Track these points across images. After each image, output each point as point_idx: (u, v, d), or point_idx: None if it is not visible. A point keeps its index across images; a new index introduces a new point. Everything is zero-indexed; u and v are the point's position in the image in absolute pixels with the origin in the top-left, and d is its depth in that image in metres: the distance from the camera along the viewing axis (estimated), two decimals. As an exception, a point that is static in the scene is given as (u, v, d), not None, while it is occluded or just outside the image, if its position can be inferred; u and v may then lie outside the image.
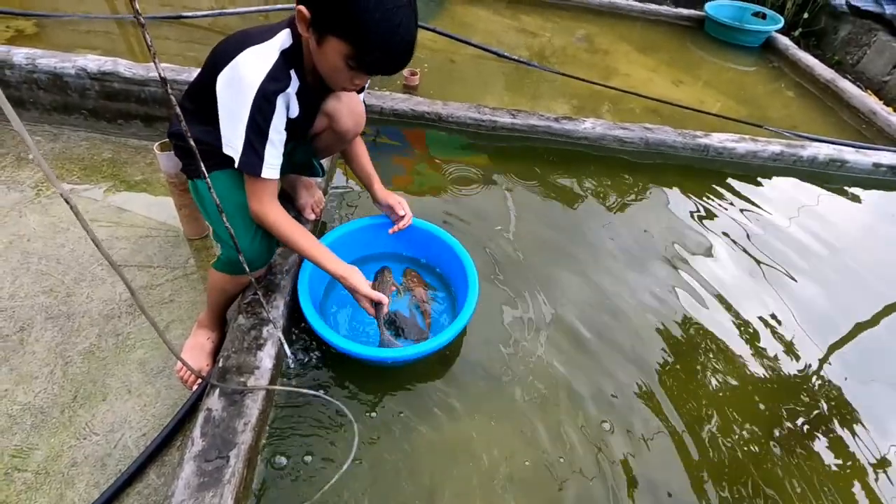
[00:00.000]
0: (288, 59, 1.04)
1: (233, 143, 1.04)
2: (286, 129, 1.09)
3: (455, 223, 1.79)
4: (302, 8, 0.96)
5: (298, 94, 1.10)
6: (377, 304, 1.25)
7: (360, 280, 1.22)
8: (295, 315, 1.33)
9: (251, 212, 1.13)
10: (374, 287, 1.26)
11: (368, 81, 1.13)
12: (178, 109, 0.73)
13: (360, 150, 1.46)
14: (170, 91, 0.67)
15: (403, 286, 1.51)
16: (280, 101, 1.05)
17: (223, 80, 1.03)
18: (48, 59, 1.82)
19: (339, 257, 1.22)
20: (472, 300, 1.29)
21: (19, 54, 1.82)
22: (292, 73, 1.06)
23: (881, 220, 2.27)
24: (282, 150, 1.09)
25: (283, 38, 1.04)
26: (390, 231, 1.49)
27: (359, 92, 1.34)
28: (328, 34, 0.97)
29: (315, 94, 1.16)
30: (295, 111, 1.14)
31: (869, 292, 1.86)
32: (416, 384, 1.31)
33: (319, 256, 1.19)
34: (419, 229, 1.50)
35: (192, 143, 0.76)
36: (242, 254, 1.07)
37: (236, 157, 1.04)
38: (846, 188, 2.37)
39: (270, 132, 1.05)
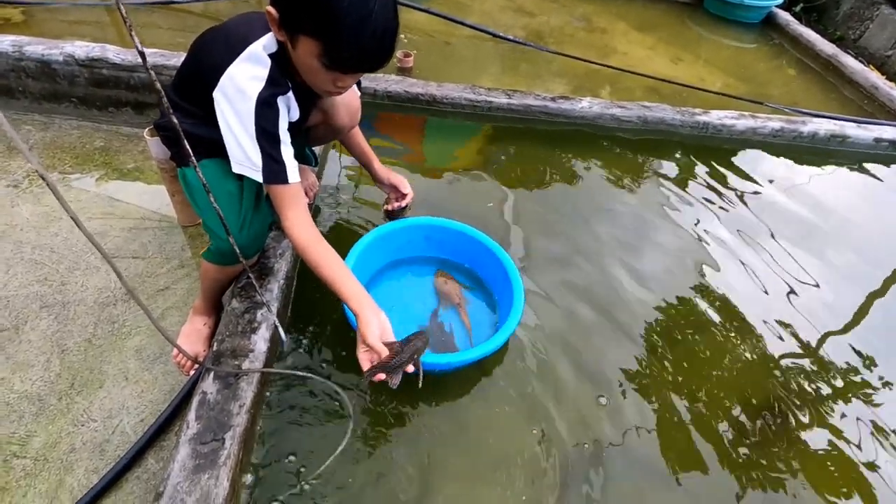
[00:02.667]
0: (279, 62, 1.00)
1: (248, 159, 1.00)
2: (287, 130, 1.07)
3: (450, 205, 1.78)
4: (270, 9, 0.91)
5: (296, 95, 1.08)
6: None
7: (372, 328, 1.00)
8: (290, 299, 1.32)
9: (286, 234, 1.07)
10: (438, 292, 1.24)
11: (354, 82, 1.08)
12: (164, 100, 0.71)
13: (355, 130, 1.44)
14: (153, 76, 0.65)
15: (437, 289, 1.46)
16: (281, 103, 1.02)
17: (222, 97, 0.99)
18: (35, 47, 1.79)
19: (370, 297, 1.06)
20: (519, 306, 1.24)
21: (6, 42, 1.79)
22: (286, 77, 1.03)
23: (883, 194, 2.24)
24: (292, 150, 1.06)
25: (267, 41, 1.00)
26: (388, 208, 1.47)
27: (358, 85, 1.32)
28: (298, 34, 0.92)
29: (309, 93, 1.12)
30: (295, 114, 1.13)
31: (872, 267, 1.85)
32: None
33: (349, 290, 1.05)
34: (452, 230, 1.46)
35: (180, 130, 0.74)
36: (230, 243, 1.06)
37: (257, 172, 1.00)
38: (848, 164, 2.34)
39: (281, 135, 1.03)
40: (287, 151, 1.04)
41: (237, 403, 1.01)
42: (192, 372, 1.24)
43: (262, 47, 0.99)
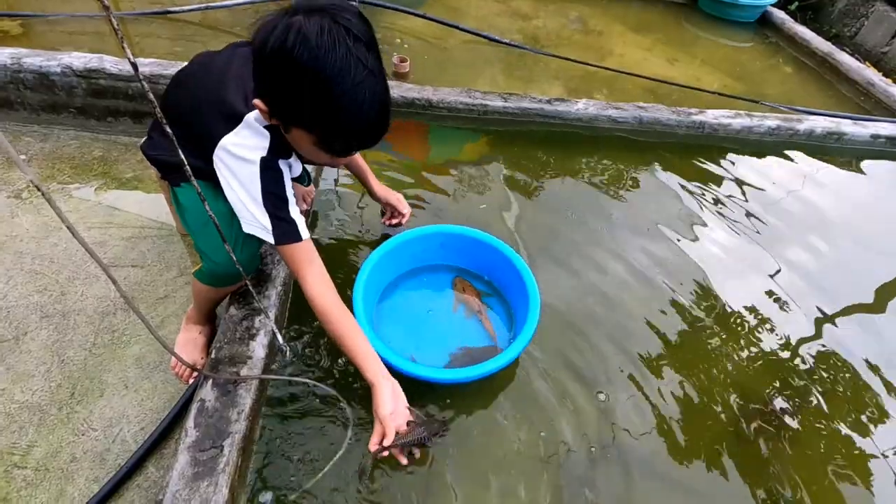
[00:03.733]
0: (277, 133, 1.00)
1: (255, 220, 1.01)
2: None
3: (446, 207, 1.78)
4: (258, 102, 0.90)
5: (296, 153, 1.08)
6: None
7: (385, 402, 0.99)
8: (288, 306, 1.32)
9: (305, 294, 1.06)
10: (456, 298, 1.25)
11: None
12: (158, 110, 0.71)
13: None
14: (146, 86, 0.66)
15: (456, 298, 1.46)
16: (283, 165, 1.03)
17: (223, 165, 0.99)
18: (33, 58, 1.81)
19: (382, 364, 1.05)
20: (535, 314, 1.23)
21: (4, 54, 1.81)
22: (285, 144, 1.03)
23: (881, 191, 2.24)
24: (297, 207, 1.07)
25: (258, 114, 0.97)
26: (384, 222, 1.47)
27: None
28: (290, 125, 0.93)
29: None
30: (298, 170, 1.14)
31: (871, 264, 1.84)
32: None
33: (365, 358, 1.04)
34: (469, 238, 1.44)
35: (177, 145, 0.74)
36: (221, 266, 1.07)
37: (268, 234, 1.01)
38: (845, 161, 2.34)
39: (287, 195, 1.04)
40: (294, 209, 1.05)
41: (236, 410, 1.02)
42: (191, 381, 1.25)
43: (255, 119, 0.99)
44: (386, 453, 0.98)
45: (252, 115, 0.99)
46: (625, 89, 2.72)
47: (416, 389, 1.24)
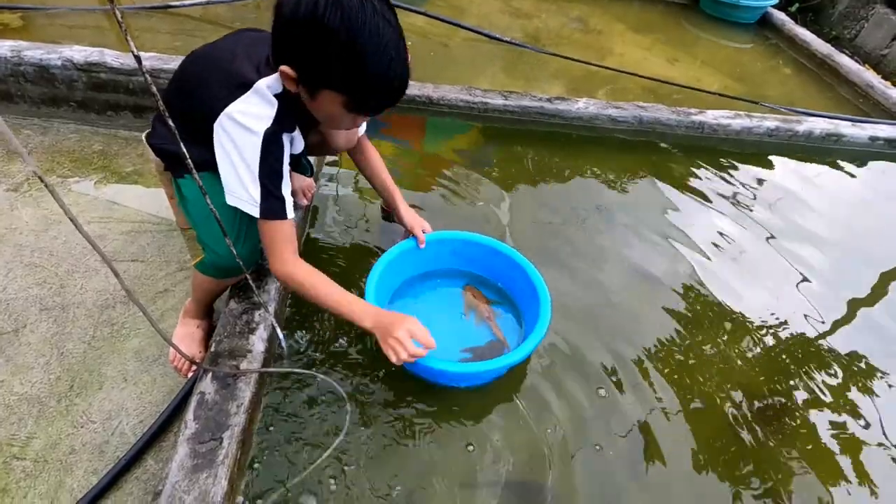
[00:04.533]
0: (285, 102, 1.00)
1: (245, 193, 1.00)
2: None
3: (445, 205, 1.79)
4: (286, 69, 0.92)
5: (301, 129, 1.09)
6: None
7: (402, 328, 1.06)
8: (287, 299, 1.33)
9: (274, 273, 1.08)
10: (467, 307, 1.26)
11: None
12: (160, 103, 0.71)
13: (374, 157, 1.41)
14: (149, 80, 0.66)
15: (466, 304, 1.45)
16: (285, 139, 1.03)
17: (223, 132, 0.98)
18: (34, 51, 1.80)
19: (378, 305, 1.12)
20: (545, 318, 1.23)
21: (4, 47, 1.80)
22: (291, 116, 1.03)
23: (879, 192, 2.25)
24: (290, 186, 1.07)
25: (271, 82, 0.99)
26: (386, 207, 1.46)
27: None
28: (321, 88, 0.94)
29: (311, 123, 1.13)
30: (299, 147, 1.13)
31: (868, 264, 1.85)
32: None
33: (351, 311, 1.08)
34: (480, 244, 1.44)
35: (179, 140, 0.74)
36: (224, 257, 1.07)
37: (254, 206, 1.01)
38: (843, 162, 2.35)
39: (284, 171, 1.04)
40: (287, 187, 1.05)
41: (235, 403, 1.02)
42: (189, 374, 1.25)
43: (267, 87, 0.99)
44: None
45: (263, 82, 0.98)
46: (625, 89, 2.73)
47: (414, 386, 1.25)
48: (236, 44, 1.07)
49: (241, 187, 1.00)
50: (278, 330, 1.18)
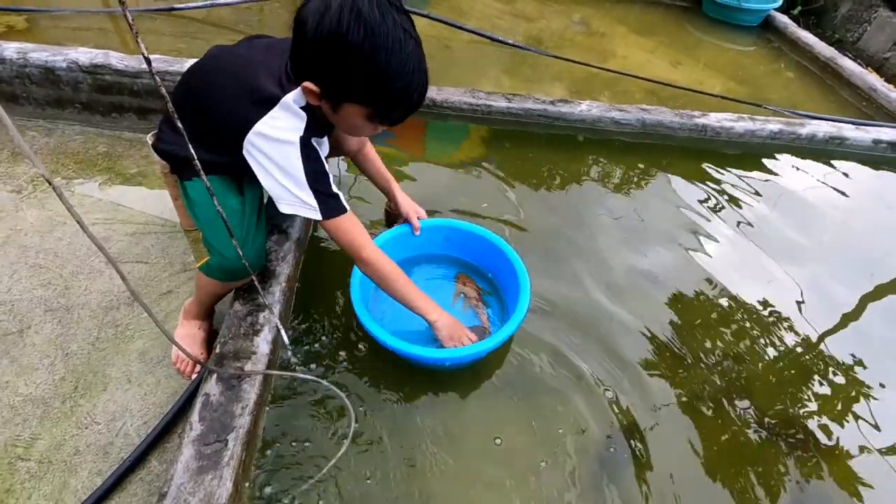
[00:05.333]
0: (312, 113, 1.02)
1: (298, 199, 1.02)
2: None
3: (449, 205, 1.79)
4: (309, 85, 0.94)
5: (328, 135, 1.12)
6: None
7: (440, 333, 1.19)
8: (292, 301, 1.33)
9: (365, 263, 1.13)
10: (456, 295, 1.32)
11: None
12: (170, 105, 0.72)
13: (372, 155, 1.45)
14: (159, 81, 0.66)
15: (456, 290, 1.48)
16: (315, 143, 1.05)
17: (258, 151, 0.99)
18: (39, 53, 1.81)
19: (433, 302, 1.20)
20: (524, 305, 1.25)
21: (10, 49, 1.81)
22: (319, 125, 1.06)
23: (883, 195, 2.25)
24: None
25: (296, 96, 1.00)
26: (388, 210, 1.48)
27: None
28: (344, 102, 0.96)
29: (330, 128, 1.15)
30: (325, 151, 1.15)
31: (873, 267, 1.85)
32: (413, 369, 1.31)
33: (419, 302, 1.18)
34: (471, 233, 1.47)
35: (188, 141, 0.74)
36: (231, 260, 1.08)
37: (315, 212, 1.03)
38: (846, 165, 2.35)
39: (327, 170, 1.06)
40: (334, 183, 1.07)
41: (240, 405, 1.02)
42: (193, 376, 1.25)
43: (293, 101, 1.00)
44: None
45: (290, 97, 0.99)
46: (627, 91, 2.73)
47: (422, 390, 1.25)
48: (251, 53, 1.08)
49: (293, 196, 1.02)
50: (283, 333, 1.18)
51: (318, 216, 1.04)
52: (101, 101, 1.92)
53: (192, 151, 0.75)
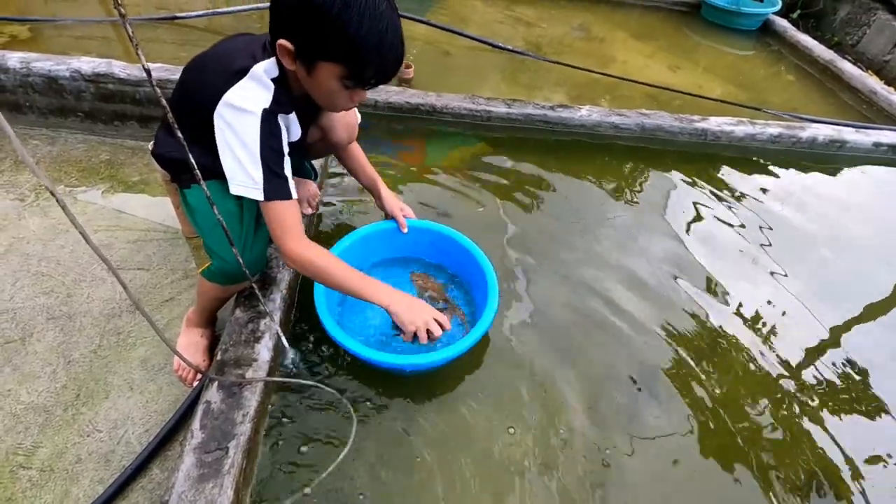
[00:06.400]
0: (282, 86, 1.03)
1: (248, 178, 1.00)
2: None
3: (447, 211, 1.79)
4: (284, 42, 0.94)
5: (297, 115, 1.10)
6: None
7: (400, 317, 1.09)
8: (293, 308, 1.33)
9: (288, 255, 1.07)
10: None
11: (367, 95, 1.11)
12: (170, 115, 0.72)
13: (358, 152, 1.44)
14: (159, 92, 0.67)
15: (417, 291, 1.46)
16: (281, 121, 1.05)
17: (221, 118, 0.99)
18: (43, 63, 1.83)
19: (388, 284, 1.14)
20: (493, 302, 1.24)
21: (13, 58, 1.83)
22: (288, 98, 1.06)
23: (884, 199, 2.25)
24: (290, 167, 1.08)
25: (268, 66, 1.01)
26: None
27: None
28: (318, 61, 0.96)
29: (309, 112, 1.15)
30: (296, 134, 1.14)
31: (873, 272, 1.85)
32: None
33: (365, 289, 1.11)
34: (434, 232, 1.45)
35: (186, 147, 0.75)
36: (231, 264, 1.07)
37: (258, 189, 1.00)
38: (847, 168, 2.35)
39: (284, 149, 1.04)
40: (288, 167, 1.05)
41: (241, 413, 1.02)
42: (194, 383, 1.25)
43: (264, 71, 1.01)
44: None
45: (260, 67, 1.00)
46: (627, 96, 2.74)
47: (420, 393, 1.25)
48: (235, 43, 1.09)
49: (243, 172, 1.00)
50: (284, 340, 1.18)
51: (261, 196, 1.00)
52: (103, 109, 1.93)
53: (191, 158, 0.75)
